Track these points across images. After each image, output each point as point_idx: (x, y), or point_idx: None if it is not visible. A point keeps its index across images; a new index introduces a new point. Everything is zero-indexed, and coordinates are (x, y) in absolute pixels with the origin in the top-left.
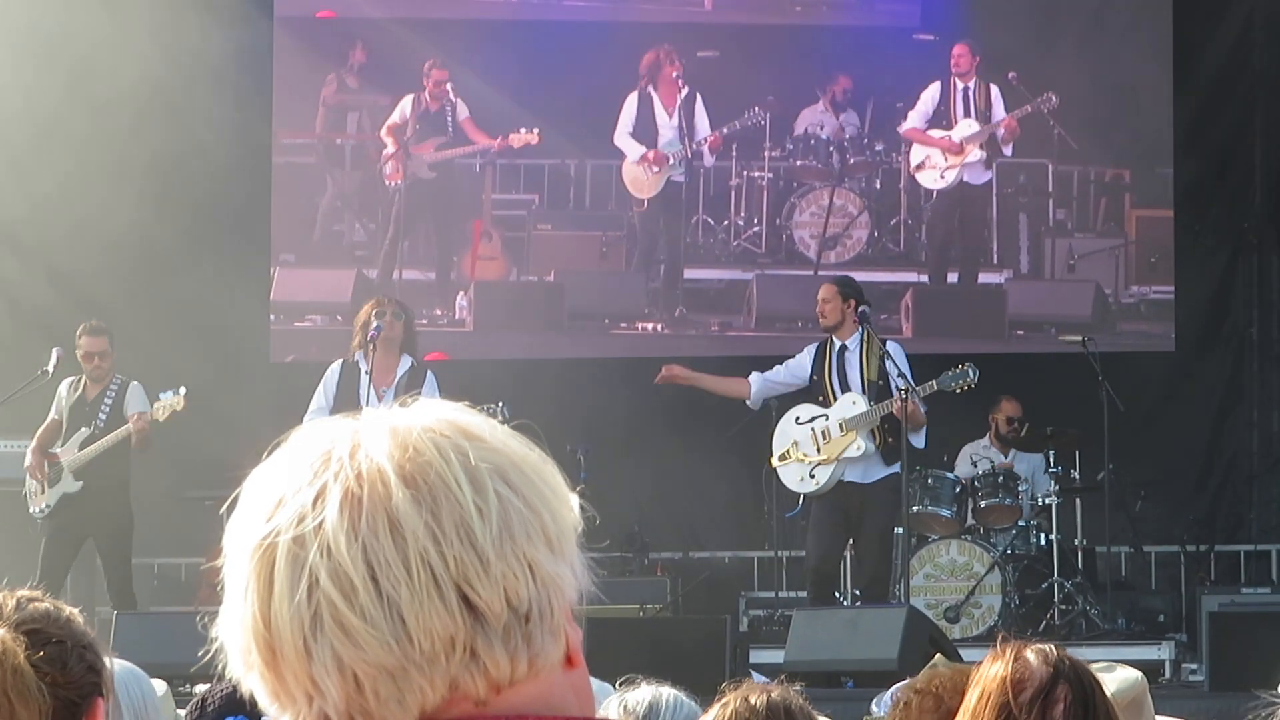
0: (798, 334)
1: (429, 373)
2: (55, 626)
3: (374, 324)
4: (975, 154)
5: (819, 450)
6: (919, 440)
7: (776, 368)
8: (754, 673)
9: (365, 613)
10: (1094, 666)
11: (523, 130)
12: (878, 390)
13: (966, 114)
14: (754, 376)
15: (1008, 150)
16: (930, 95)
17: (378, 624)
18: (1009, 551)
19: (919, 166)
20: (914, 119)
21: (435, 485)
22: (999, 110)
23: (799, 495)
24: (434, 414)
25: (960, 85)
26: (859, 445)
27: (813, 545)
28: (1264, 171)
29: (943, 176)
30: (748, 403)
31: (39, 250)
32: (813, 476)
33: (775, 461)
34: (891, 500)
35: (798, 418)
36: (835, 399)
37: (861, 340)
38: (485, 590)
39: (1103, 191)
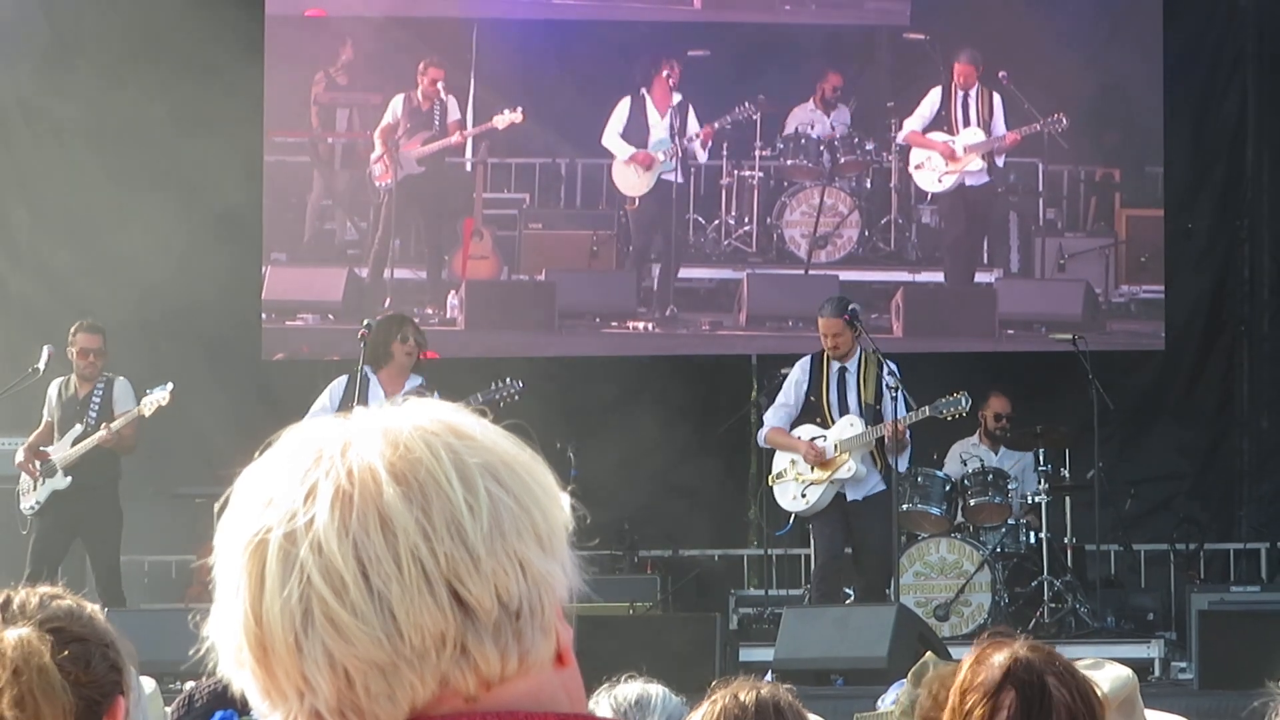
0: (788, 333)
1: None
2: (79, 625)
3: (408, 356)
4: (976, 163)
5: (813, 469)
6: (902, 463)
7: (779, 403)
8: (770, 674)
9: (356, 609)
10: (1081, 664)
11: (506, 111)
12: (874, 413)
13: (968, 123)
14: (779, 420)
15: (1000, 160)
16: (931, 101)
17: (368, 620)
18: (999, 550)
19: (918, 166)
20: (913, 123)
21: (426, 482)
22: (1000, 119)
23: (790, 514)
24: (425, 413)
25: (961, 93)
26: (850, 467)
27: (820, 545)
28: (1254, 170)
29: (940, 180)
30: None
31: (30, 248)
32: (804, 495)
33: (773, 480)
34: (887, 516)
35: (797, 437)
36: (833, 420)
37: (860, 362)
38: (476, 587)
39: (1093, 191)
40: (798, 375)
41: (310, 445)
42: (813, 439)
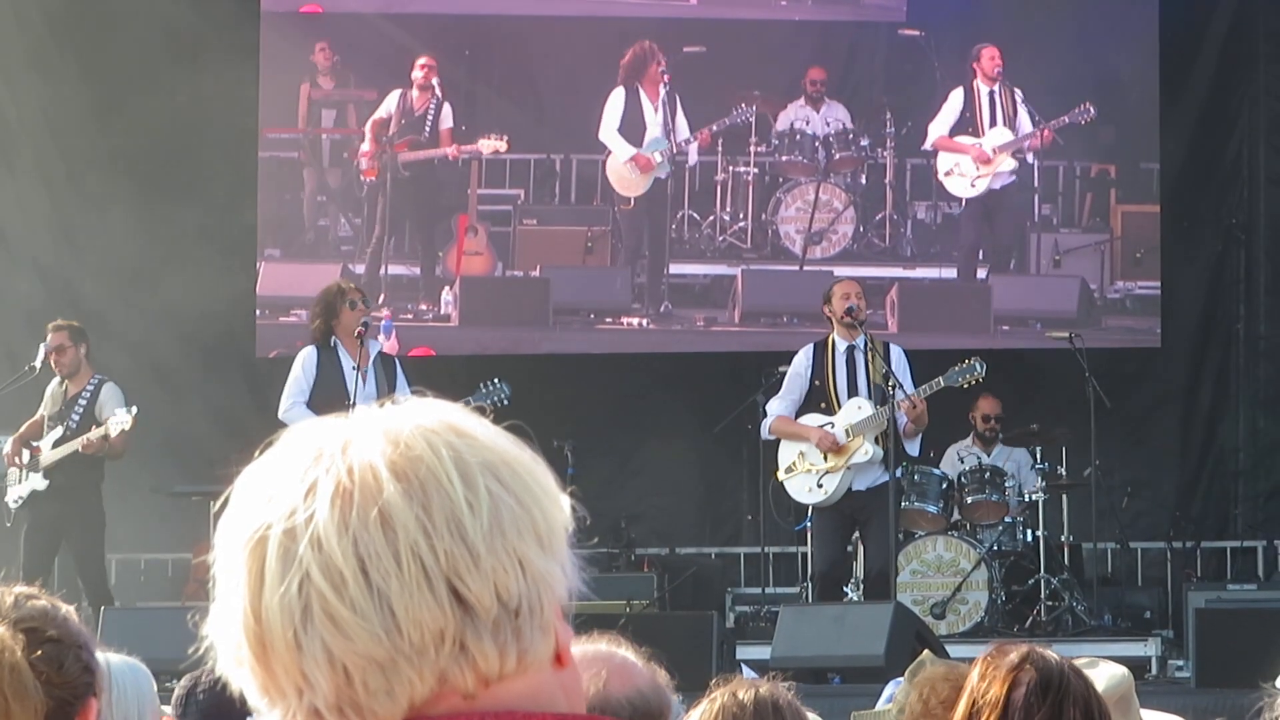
0: (783, 329)
1: (396, 363)
2: (52, 625)
3: (362, 319)
4: (1008, 163)
5: (826, 458)
6: (914, 448)
7: (782, 394)
8: (744, 667)
9: (355, 604)
10: (1077, 663)
11: (492, 137)
12: (882, 394)
13: (994, 122)
14: (784, 410)
15: (1030, 158)
16: (954, 104)
17: (367, 616)
18: (995, 548)
19: (948, 173)
20: (937, 127)
21: (426, 480)
22: (1024, 116)
23: (806, 507)
24: (425, 412)
25: (985, 90)
26: (866, 450)
27: (819, 552)
28: (1250, 167)
29: (974, 185)
30: (762, 430)
31: (25, 246)
32: (820, 486)
33: (782, 474)
34: (896, 502)
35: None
36: (839, 405)
37: (866, 341)
38: (475, 584)
39: (1089, 187)
40: (801, 364)
41: (310, 443)
42: (820, 427)
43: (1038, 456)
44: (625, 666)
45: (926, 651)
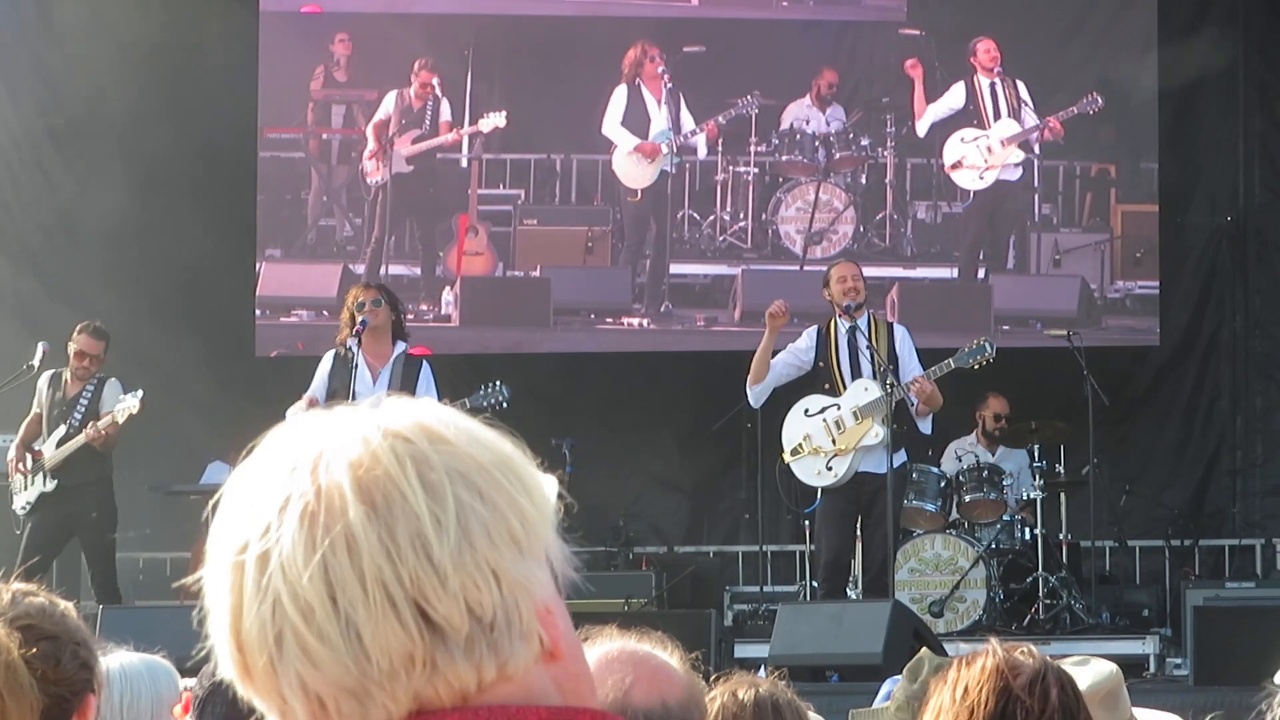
0: (784, 329)
1: (424, 364)
2: (50, 622)
3: (359, 318)
4: (1016, 155)
5: (834, 441)
6: (926, 426)
7: (779, 355)
8: (763, 668)
9: (323, 634)
10: (1067, 661)
11: (490, 115)
12: (887, 376)
13: (999, 114)
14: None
15: (1037, 149)
16: (954, 97)
17: (335, 645)
18: (994, 546)
19: (955, 165)
20: (933, 112)
21: (391, 498)
22: (1029, 107)
23: (814, 491)
24: (399, 414)
25: (986, 82)
26: (876, 432)
27: (826, 540)
28: (1245, 165)
29: (981, 177)
30: (749, 395)
31: (23, 243)
32: (830, 469)
33: (788, 457)
34: (902, 489)
35: (806, 410)
36: (844, 386)
37: (870, 322)
38: (443, 605)
39: (1088, 186)
40: (803, 343)
41: (286, 456)
42: (823, 409)
43: (1036, 455)
44: (658, 674)
45: (925, 650)
